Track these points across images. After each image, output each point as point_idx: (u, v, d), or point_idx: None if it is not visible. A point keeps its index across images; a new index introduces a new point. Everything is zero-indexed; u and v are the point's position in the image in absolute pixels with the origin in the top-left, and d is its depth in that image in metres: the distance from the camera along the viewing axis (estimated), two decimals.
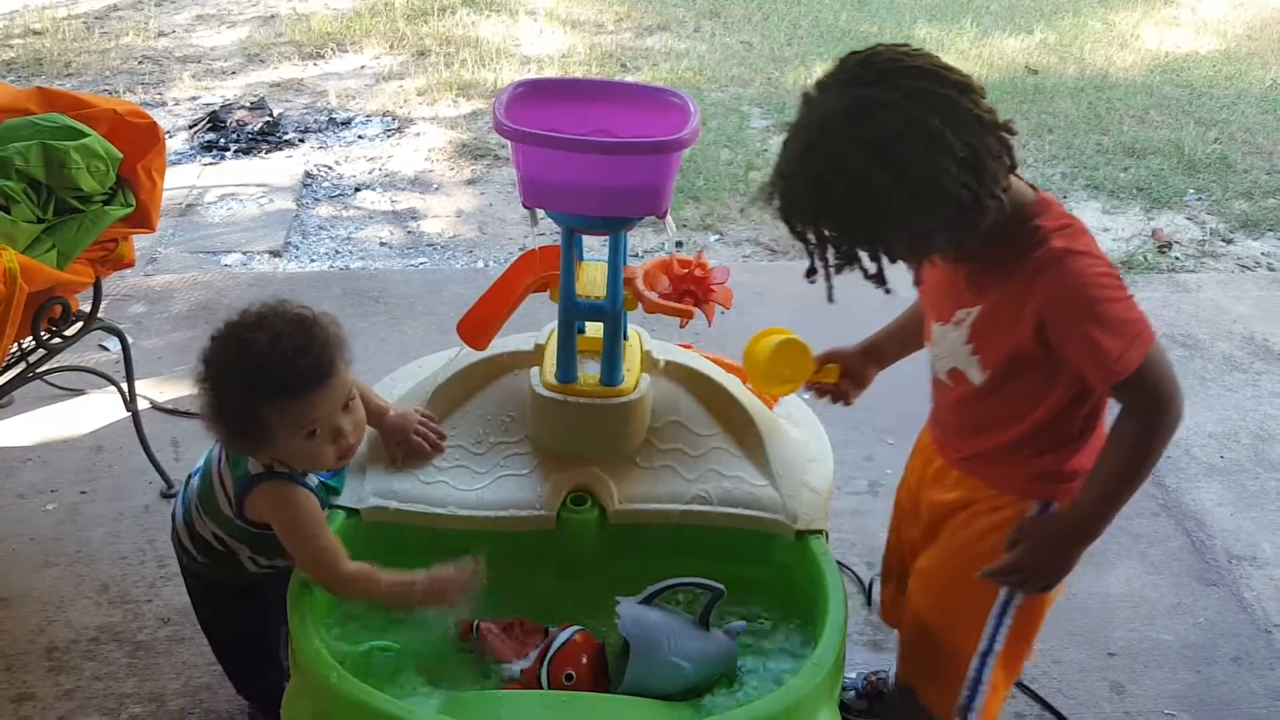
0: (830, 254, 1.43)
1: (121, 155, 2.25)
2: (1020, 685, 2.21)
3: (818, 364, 1.78)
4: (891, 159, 1.33)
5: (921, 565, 1.75)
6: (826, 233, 1.41)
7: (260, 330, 1.57)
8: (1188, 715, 2.23)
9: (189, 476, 1.83)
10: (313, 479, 1.72)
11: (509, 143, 1.70)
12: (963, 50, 6.00)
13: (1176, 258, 4.11)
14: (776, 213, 1.45)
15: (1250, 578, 2.57)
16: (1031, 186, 1.49)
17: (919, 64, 1.38)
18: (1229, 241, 4.23)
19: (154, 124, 2.33)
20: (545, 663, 1.59)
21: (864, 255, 1.42)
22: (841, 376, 1.80)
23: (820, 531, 1.77)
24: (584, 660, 1.61)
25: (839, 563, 1.78)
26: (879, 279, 1.44)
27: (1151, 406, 1.47)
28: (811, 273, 1.46)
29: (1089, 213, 4.37)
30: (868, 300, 1.54)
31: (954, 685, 1.69)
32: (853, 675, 2.20)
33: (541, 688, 1.59)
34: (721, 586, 1.66)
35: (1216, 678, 2.31)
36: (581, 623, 1.70)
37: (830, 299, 1.47)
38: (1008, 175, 1.42)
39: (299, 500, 1.66)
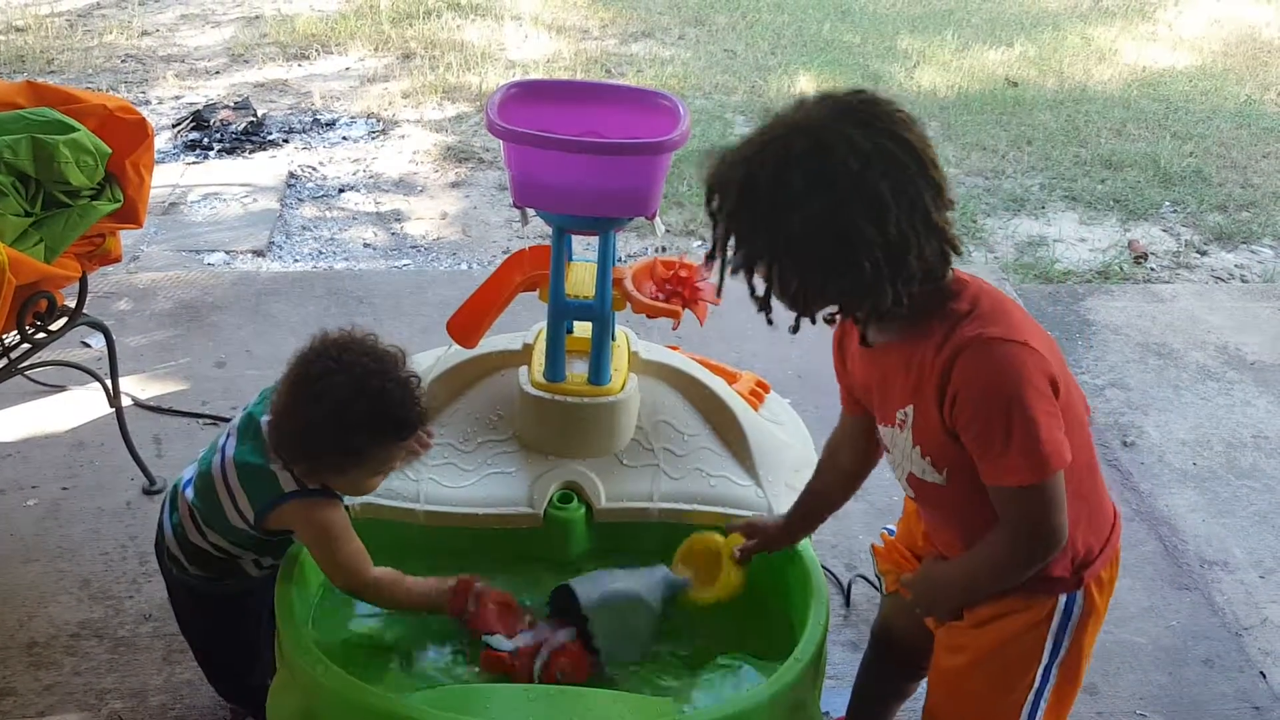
0: (729, 253, 1.37)
1: (110, 150, 2.25)
2: None
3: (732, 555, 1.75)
4: (825, 197, 1.28)
5: (946, 665, 1.64)
6: (732, 233, 1.36)
7: (383, 368, 1.60)
8: (1159, 716, 2.26)
9: (176, 487, 1.79)
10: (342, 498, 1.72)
11: (499, 143, 1.72)
12: (944, 62, 6.06)
13: (1152, 269, 4.17)
14: (704, 182, 1.38)
15: (1221, 582, 2.61)
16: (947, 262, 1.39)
17: (913, 140, 1.31)
18: (1203, 253, 4.30)
19: (143, 120, 2.33)
20: (540, 654, 1.62)
21: (756, 272, 1.36)
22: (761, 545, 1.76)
23: None
24: (576, 662, 1.65)
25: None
26: (764, 304, 1.38)
27: (1022, 533, 1.40)
28: (710, 258, 1.39)
29: (1067, 223, 4.43)
30: None
31: None
32: None
33: (533, 673, 1.62)
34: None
35: (1188, 680, 2.35)
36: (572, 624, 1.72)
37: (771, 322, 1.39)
38: (923, 284, 1.35)
39: (335, 515, 1.68)
